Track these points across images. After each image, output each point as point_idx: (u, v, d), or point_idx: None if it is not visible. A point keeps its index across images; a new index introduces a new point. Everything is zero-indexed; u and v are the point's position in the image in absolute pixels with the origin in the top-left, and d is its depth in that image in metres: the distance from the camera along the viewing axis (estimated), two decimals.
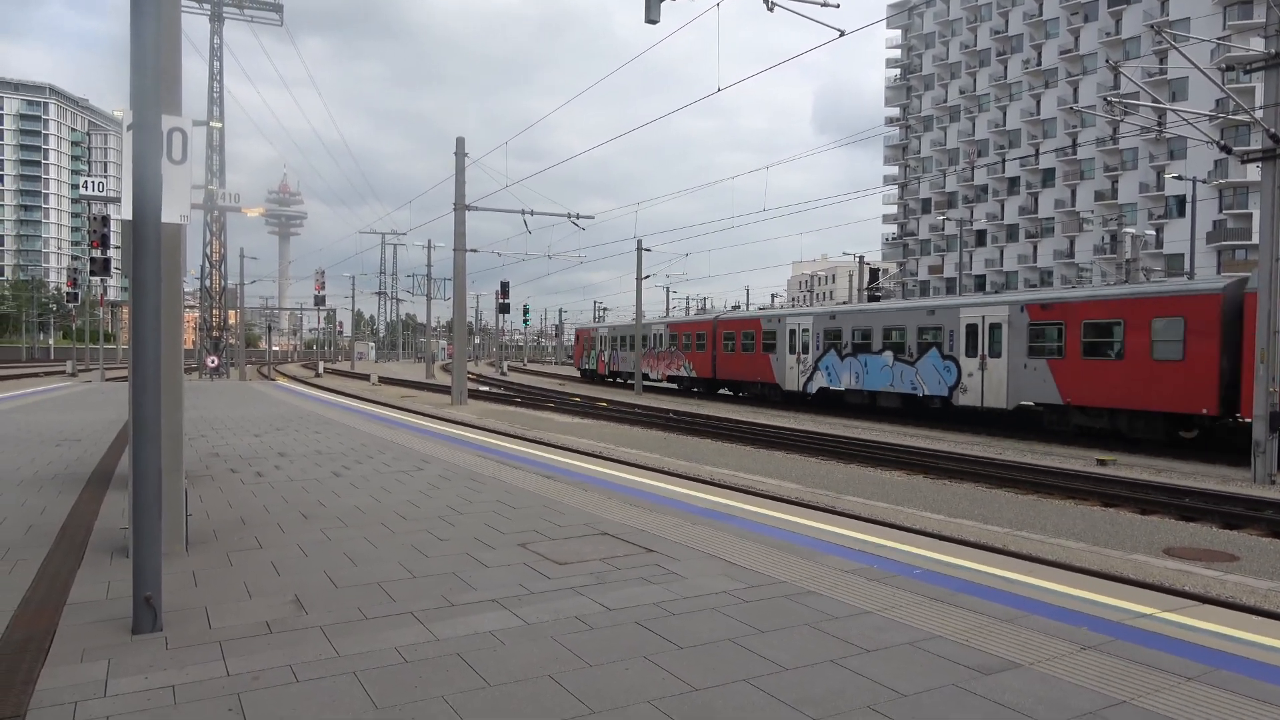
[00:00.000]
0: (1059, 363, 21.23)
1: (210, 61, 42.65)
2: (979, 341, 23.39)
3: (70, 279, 51.35)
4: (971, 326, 23.74)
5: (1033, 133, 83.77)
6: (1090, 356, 20.52)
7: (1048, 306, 21.79)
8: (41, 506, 7.73)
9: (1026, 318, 22.15)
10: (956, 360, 24.09)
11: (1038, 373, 21.69)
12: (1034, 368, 21.80)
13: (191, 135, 5.47)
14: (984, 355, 23.25)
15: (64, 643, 4.22)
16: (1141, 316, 19.47)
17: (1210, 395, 17.96)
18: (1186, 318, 18.63)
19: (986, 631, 4.42)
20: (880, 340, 26.90)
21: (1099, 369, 20.29)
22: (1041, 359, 21.66)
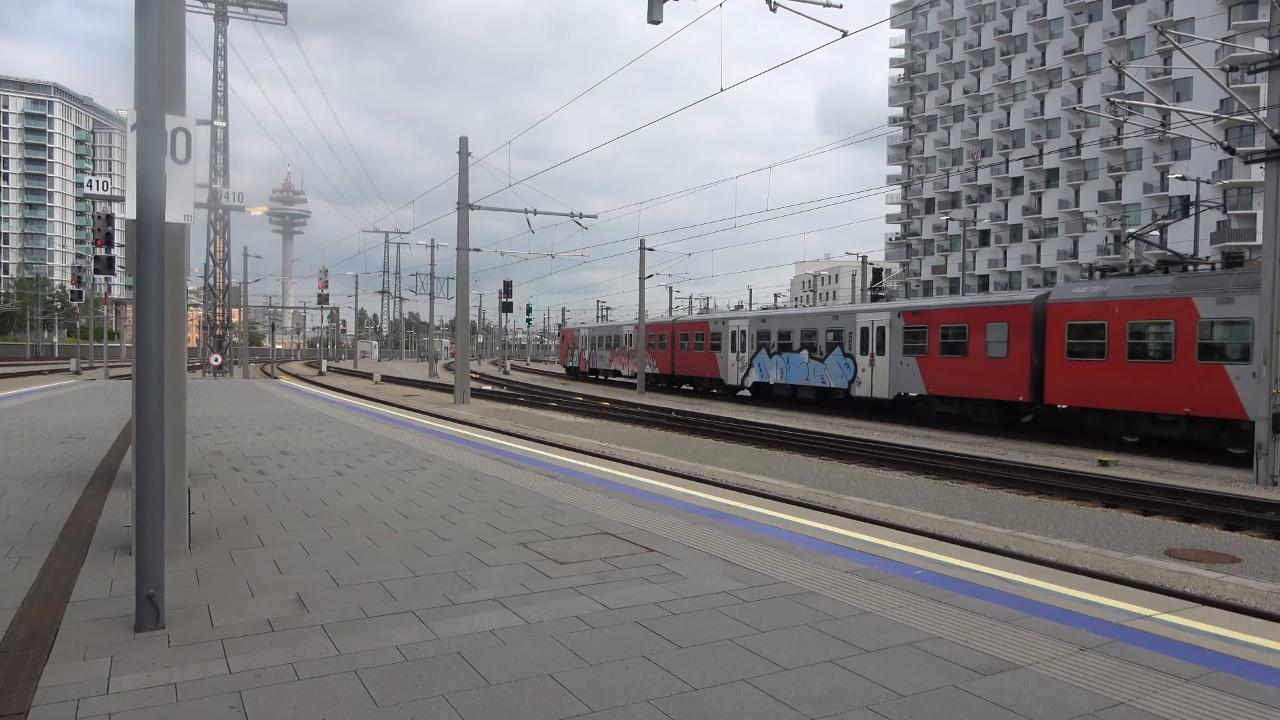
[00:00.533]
0: (924, 360, 25.28)
1: (214, 60, 42.72)
2: (870, 342, 27.50)
3: (74, 277, 51.46)
4: (864, 329, 27.82)
5: (1037, 132, 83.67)
6: (946, 355, 24.58)
7: (916, 313, 25.92)
8: (45, 504, 7.76)
9: (903, 323, 26.15)
10: (854, 358, 28.27)
11: (910, 368, 25.73)
12: (907, 364, 25.86)
13: (195, 135, 5.49)
14: (873, 354, 27.36)
15: (67, 640, 4.25)
16: (980, 322, 23.54)
17: (1025, 385, 22.02)
18: (1009, 323, 22.62)
19: (986, 632, 4.43)
20: (799, 341, 31.16)
21: (952, 365, 24.39)
22: (913, 357, 25.66)
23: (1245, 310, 17.13)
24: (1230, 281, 18.03)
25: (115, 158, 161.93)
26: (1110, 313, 19.88)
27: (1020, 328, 22.27)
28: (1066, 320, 20.79)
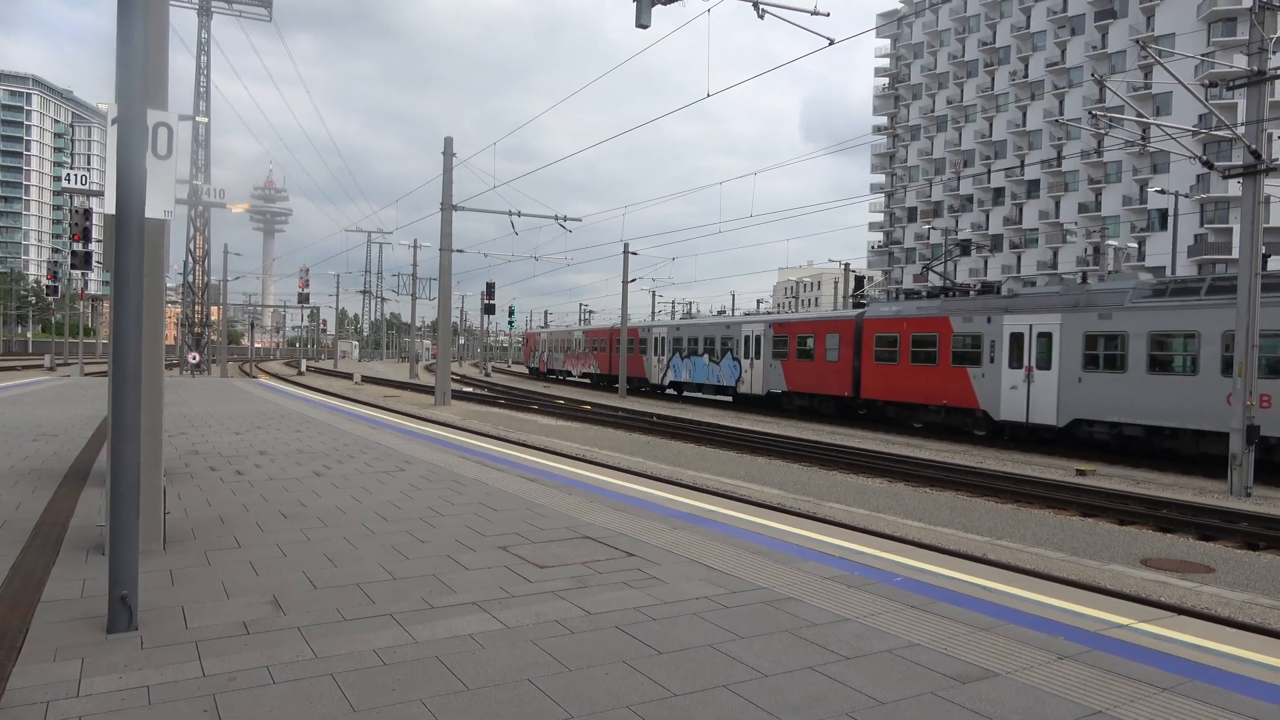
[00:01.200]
0: (786, 363, 30.79)
1: (198, 56, 42.39)
2: (750, 348, 32.84)
3: (50, 272, 50.79)
4: (746, 337, 33.19)
5: (1018, 144, 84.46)
6: (799, 359, 30.13)
7: (781, 325, 31.52)
8: (16, 502, 7.64)
9: (772, 332, 31.66)
10: (739, 361, 33.62)
11: (776, 369, 31.27)
12: (774, 366, 31.36)
13: (177, 130, 5.44)
14: (752, 358, 32.66)
15: (37, 641, 4.17)
16: (821, 333, 29.16)
17: (849, 384, 27.50)
18: (840, 334, 28.11)
19: (965, 640, 4.44)
20: (702, 346, 36.53)
21: (804, 367, 29.96)
22: (779, 360, 31.13)
23: (978, 328, 22.86)
24: (976, 304, 23.50)
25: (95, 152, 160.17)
26: (900, 327, 25.26)
27: (847, 338, 27.61)
28: (875, 332, 26.16)
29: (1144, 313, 19.22)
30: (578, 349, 51.59)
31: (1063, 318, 20.85)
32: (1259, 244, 14.96)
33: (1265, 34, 14.74)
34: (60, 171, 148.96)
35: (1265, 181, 15.04)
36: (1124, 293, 20.06)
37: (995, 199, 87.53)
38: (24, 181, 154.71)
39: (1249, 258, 14.97)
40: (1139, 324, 19.18)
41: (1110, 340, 19.77)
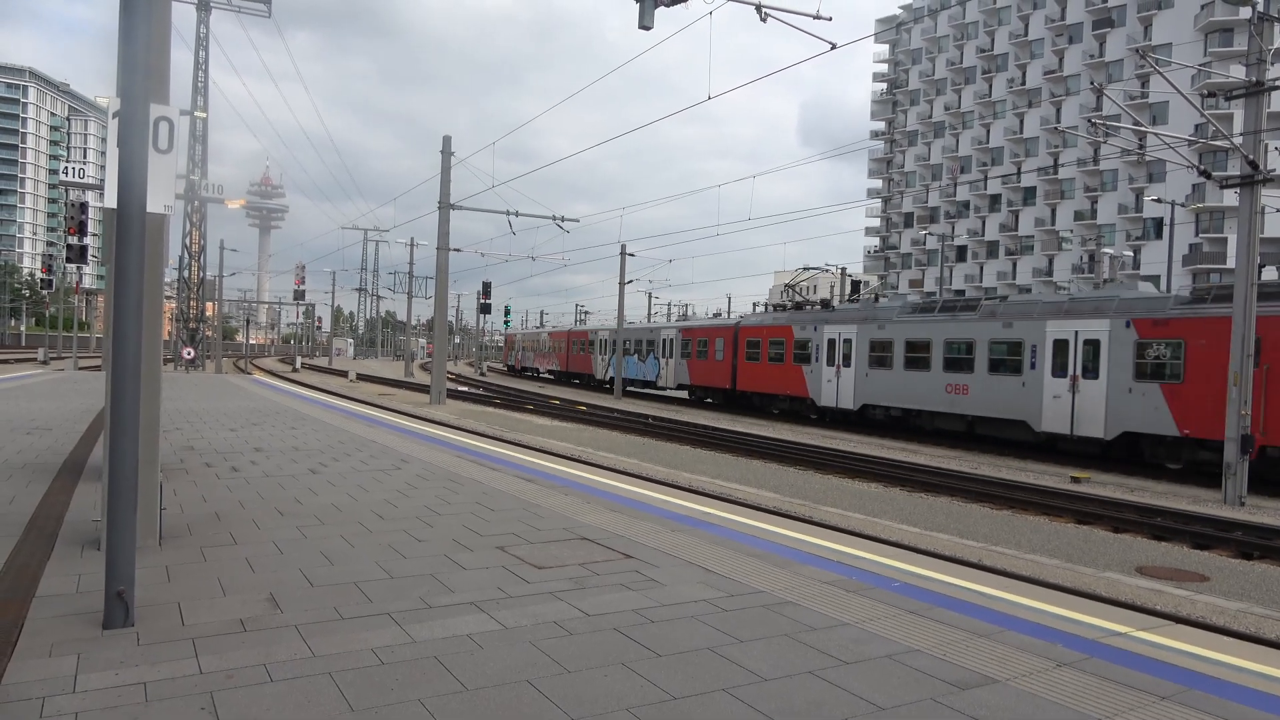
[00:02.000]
0: (690, 361, 36.50)
1: (196, 51, 42.28)
2: (666, 349, 38.49)
3: (45, 265, 50.60)
4: (664, 340, 38.89)
5: (1015, 151, 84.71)
6: (699, 359, 35.80)
7: (686, 330, 37.51)
8: (10, 496, 7.60)
9: (681, 336, 37.55)
10: (659, 360, 39.37)
11: (684, 367, 37.06)
12: (682, 364, 37.16)
13: (178, 125, 5.41)
14: (667, 357, 38.32)
15: (32, 636, 4.15)
16: (713, 337, 34.85)
17: (729, 379, 33.56)
18: (724, 338, 33.98)
19: (963, 646, 4.44)
20: (633, 347, 42.15)
21: (701, 364, 35.65)
22: (684, 360, 36.96)
23: (809, 335, 28.78)
24: (809, 316, 29.39)
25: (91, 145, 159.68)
26: (762, 334, 31.45)
27: (729, 342, 33.65)
28: (745, 338, 32.35)
29: (902, 325, 25.13)
30: (543, 348, 58.26)
31: (858, 328, 26.77)
32: (1255, 254, 15.01)
33: (1263, 45, 14.80)
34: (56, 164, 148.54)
35: (1262, 192, 15.09)
36: (894, 309, 26.29)
37: (992, 205, 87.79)
38: (19, 174, 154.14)
39: (1245, 268, 15.02)
40: (899, 333, 25.10)
41: (884, 345, 25.69)
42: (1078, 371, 20.07)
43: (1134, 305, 19.41)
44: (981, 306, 23.48)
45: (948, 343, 23.43)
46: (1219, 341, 16.82)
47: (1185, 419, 17.79)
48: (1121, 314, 19.40)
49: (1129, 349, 18.97)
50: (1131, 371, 18.88)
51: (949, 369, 23.19)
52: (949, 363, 23.27)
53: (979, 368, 22.43)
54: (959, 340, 23.13)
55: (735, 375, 33.08)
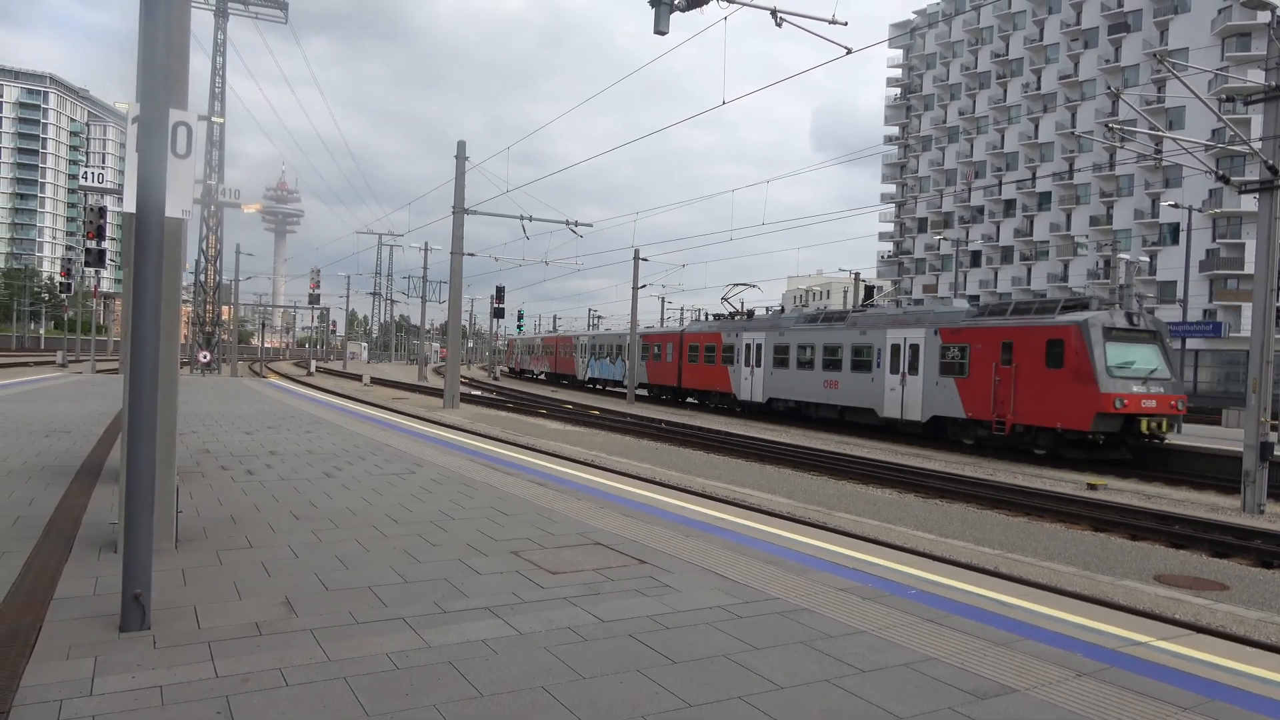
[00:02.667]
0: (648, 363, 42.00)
1: (214, 57, 42.61)
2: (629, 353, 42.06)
3: (64, 269, 51.07)
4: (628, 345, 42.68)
5: (1030, 156, 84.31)
6: (655, 360, 41.34)
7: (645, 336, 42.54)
8: (30, 498, 7.65)
9: (642, 341, 42.41)
10: (624, 362, 44.51)
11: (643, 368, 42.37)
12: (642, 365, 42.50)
13: (196, 130, 5.45)
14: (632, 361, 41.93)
15: (50, 639, 4.17)
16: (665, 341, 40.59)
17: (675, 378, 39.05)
18: (673, 343, 39.55)
19: (981, 655, 4.40)
20: (605, 351, 48.53)
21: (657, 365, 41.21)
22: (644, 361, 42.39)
23: (732, 340, 34.04)
24: (733, 325, 34.67)
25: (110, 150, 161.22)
26: (700, 339, 36.84)
27: (676, 346, 39.10)
28: (689, 343, 37.87)
29: (795, 333, 30.30)
30: (538, 352, 64.13)
31: (765, 335, 32.05)
32: (1275, 260, 14.87)
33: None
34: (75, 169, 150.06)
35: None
36: (791, 320, 31.52)
37: (1006, 211, 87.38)
38: (39, 179, 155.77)
39: (1264, 274, 14.87)
40: (793, 339, 30.34)
41: (783, 349, 30.84)
42: (905, 369, 24.94)
43: (941, 318, 24.35)
44: (848, 318, 28.42)
45: (825, 347, 28.65)
46: (991, 346, 22.19)
47: (969, 405, 22.71)
48: (933, 324, 24.22)
49: (936, 352, 23.86)
50: (938, 369, 23.76)
51: (826, 368, 28.55)
52: (826, 363, 28.58)
53: (845, 367, 27.60)
54: (832, 345, 28.35)
55: (680, 375, 38.83)
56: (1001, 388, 21.69)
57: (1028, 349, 21.25)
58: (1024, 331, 21.53)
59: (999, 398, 21.69)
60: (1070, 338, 20.31)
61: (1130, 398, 19.61)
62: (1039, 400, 20.81)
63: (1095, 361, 19.70)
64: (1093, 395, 19.54)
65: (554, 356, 58.44)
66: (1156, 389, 20.25)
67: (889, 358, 25.59)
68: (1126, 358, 20.29)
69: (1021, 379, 21.25)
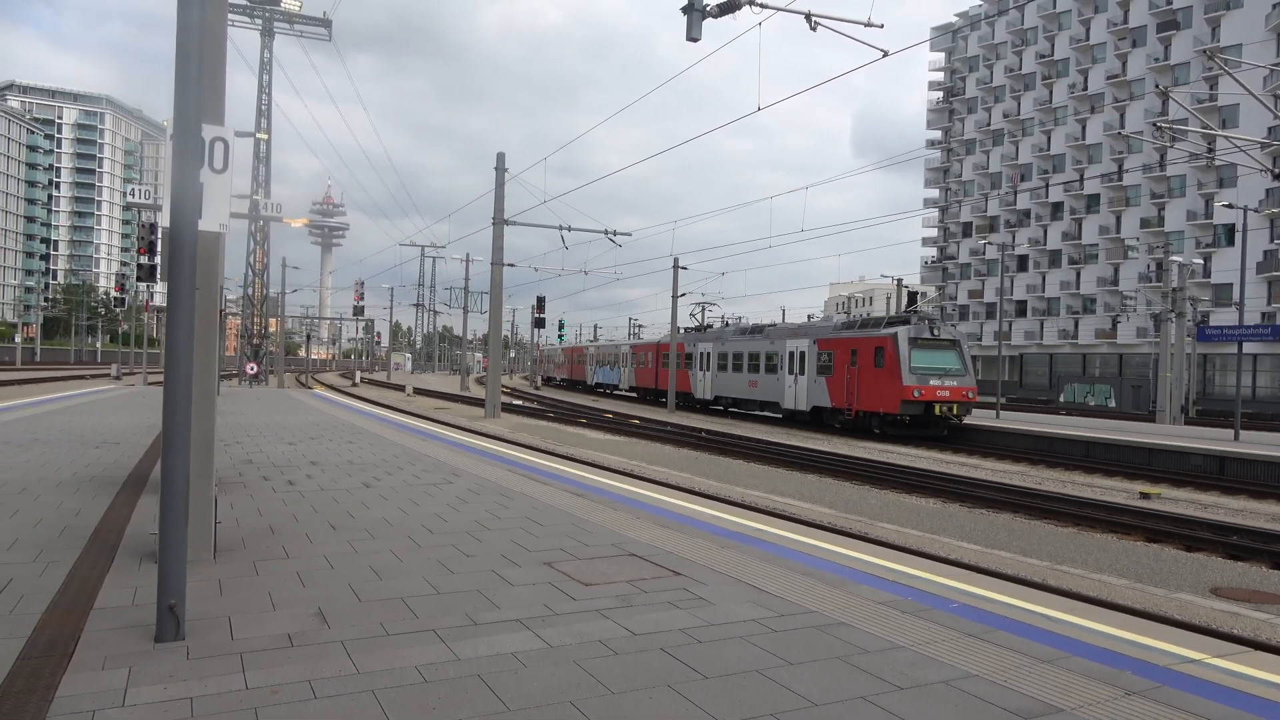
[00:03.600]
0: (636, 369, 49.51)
1: (260, 75, 43.53)
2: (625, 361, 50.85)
3: (118, 284, 52.45)
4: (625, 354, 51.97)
5: (1077, 158, 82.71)
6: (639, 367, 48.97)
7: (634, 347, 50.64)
8: (77, 508, 7.81)
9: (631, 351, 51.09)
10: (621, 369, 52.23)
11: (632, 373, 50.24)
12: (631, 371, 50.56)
13: (233, 145, 5.51)
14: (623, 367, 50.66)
15: (88, 648, 4.21)
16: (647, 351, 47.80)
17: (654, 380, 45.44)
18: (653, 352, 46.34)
19: (1026, 672, 4.25)
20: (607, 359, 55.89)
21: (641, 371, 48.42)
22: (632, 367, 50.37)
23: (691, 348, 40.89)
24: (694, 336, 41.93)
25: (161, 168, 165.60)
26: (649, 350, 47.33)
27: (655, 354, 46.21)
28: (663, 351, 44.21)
29: (731, 342, 37.44)
30: (560, 361, 71.02)
31: (713, 344, 39.22)
32: None
33: None
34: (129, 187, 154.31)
35: None
36: (730, 332, 39.05)
37: (1054, 214, 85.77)
38: (96, 197, 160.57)
39: None
40: (729, 348, 37.42)
41: (724, 356, 37.82)
42: (798, 371, 32.27)
43: (819, 331, 32.62)
44: (765, 331, 35.81)
45: (749, 354, 35.74)
46: (844, 352, 29.46)
47: (834, 397, 29.94)
48: (814, 336, 31.91)
49: (815, 357, 31.24)
50: (816, 370, 31.10)
51: (749, 371, 35.58)
52: (749, 367, 35.56)
53: (762, 370, 34.48)
54: (753, 353, 35.44)
55: (657, 378, 45.62)
56: (850, 383, 28.99)
57: (865, 354, 28.45)
58: (863, 341, 28.78)
59: (849, 391, 29.05)
60: (888, 345, 27.30)
61: (926, 389, 26.30)
62: (870, 392, 28.00)
63: (902, 363, 26.58)
64: (899, 387, 26.47)
65: (570, 365, 66.59)
66: (951, 383, 26.79)
67: (788, 363, 32.98)
68: (927, 361, 26.95)
69: (861, 377, 28.49)
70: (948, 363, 27.50)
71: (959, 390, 26.87)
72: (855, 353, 28.91)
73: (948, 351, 27.91)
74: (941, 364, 27.27)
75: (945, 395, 26.50)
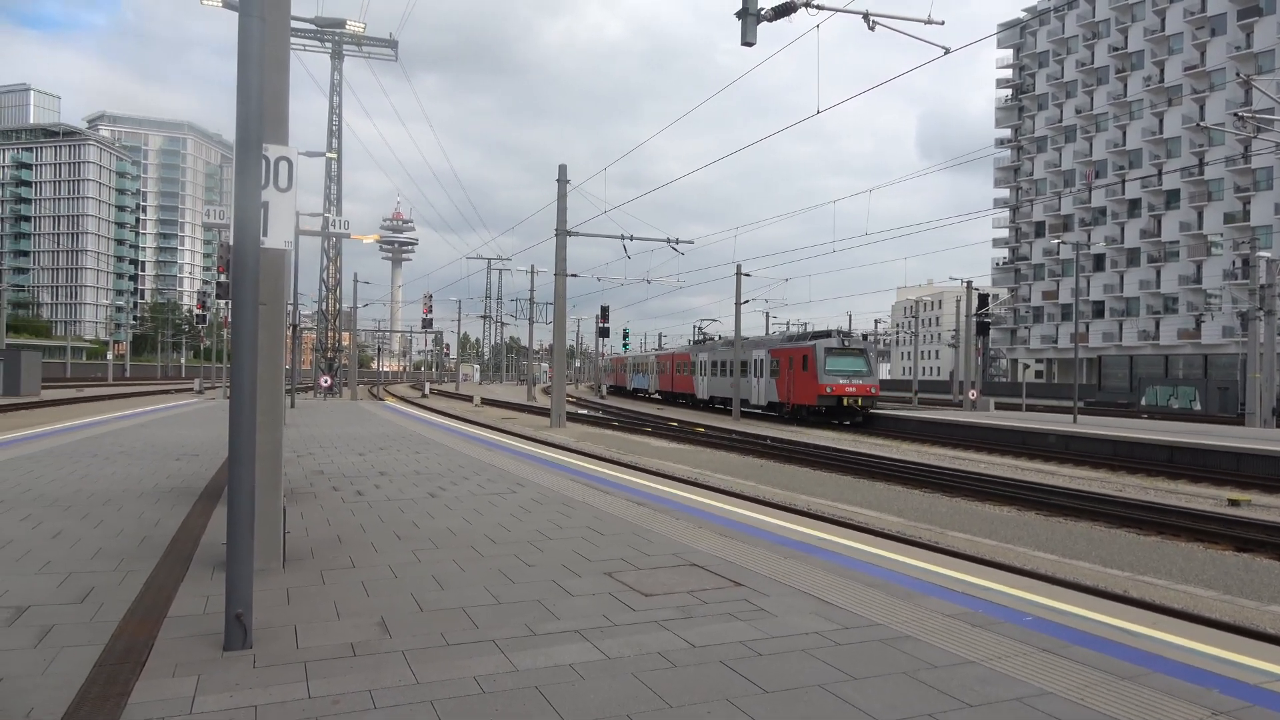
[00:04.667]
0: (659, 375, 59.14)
1: (330, 97, 44.81)
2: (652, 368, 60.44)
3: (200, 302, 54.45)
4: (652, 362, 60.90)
5: (1155, 152, 79.86)
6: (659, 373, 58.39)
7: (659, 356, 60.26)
8: (157, 519, 8.08)
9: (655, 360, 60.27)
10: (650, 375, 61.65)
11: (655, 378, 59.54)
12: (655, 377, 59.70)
13: (297, 164, 5.64)
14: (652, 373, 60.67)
15: (160, 656, 4.33)
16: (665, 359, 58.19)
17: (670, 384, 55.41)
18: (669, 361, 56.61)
19: (1104, 690, 4.06)
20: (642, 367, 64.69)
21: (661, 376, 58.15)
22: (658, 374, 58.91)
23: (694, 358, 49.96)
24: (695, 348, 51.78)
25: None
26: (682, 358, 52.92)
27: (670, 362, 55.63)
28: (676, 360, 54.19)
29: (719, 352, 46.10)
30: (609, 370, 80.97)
31: (707, 354, 47.90)
32: None
33: None
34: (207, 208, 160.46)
35: None
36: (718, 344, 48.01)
37: (1131, 211, 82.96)
38: (179, 219, 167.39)
39: None
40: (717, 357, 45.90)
41: (715, 364, 46.21)
42: (760, 374, 41.00)
43: (773, 343, 41.44)
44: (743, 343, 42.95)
45: (730, 361, 43.75)
46: (784, 358, 38.17)
47: (780, 394, 38.61)
48: (769, 347, 40.66)
49: (768, 363, 39.91)
50: (769, 373, 39.72)
51: (730, 375, 43.48)
52: (729, 371, 43.70)
53: (737, 374, 41.11)
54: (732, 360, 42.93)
55: (672, 382, 54.88)
56: (787, 383, 37.92)
57: (796, 361, 37.04)
58: (795, 351, 37.50)
59: (785, 389, 38.06)
60: (810, 354, 35.98)
61: (836, 387, 34.69)
62: (799, 390, 36.77)
63: (819, 367, 35.20)
64: (816, 385, 35.08)
65: (615, 373, 76.69)
66: (857, 381, 35.02)
67: (754, 368, 41.69)
68: (838, 365, 35.33)
69: (794, 379, 37.15)
70: (856, 366, 35.57)
71: (864, 387, 35.16)
72: (791, 360, 37.66)
73: (856, 358, 35.94)
74: (850, 368, 35.37)
75: (852, 391, 34.78)
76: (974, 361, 53.64)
